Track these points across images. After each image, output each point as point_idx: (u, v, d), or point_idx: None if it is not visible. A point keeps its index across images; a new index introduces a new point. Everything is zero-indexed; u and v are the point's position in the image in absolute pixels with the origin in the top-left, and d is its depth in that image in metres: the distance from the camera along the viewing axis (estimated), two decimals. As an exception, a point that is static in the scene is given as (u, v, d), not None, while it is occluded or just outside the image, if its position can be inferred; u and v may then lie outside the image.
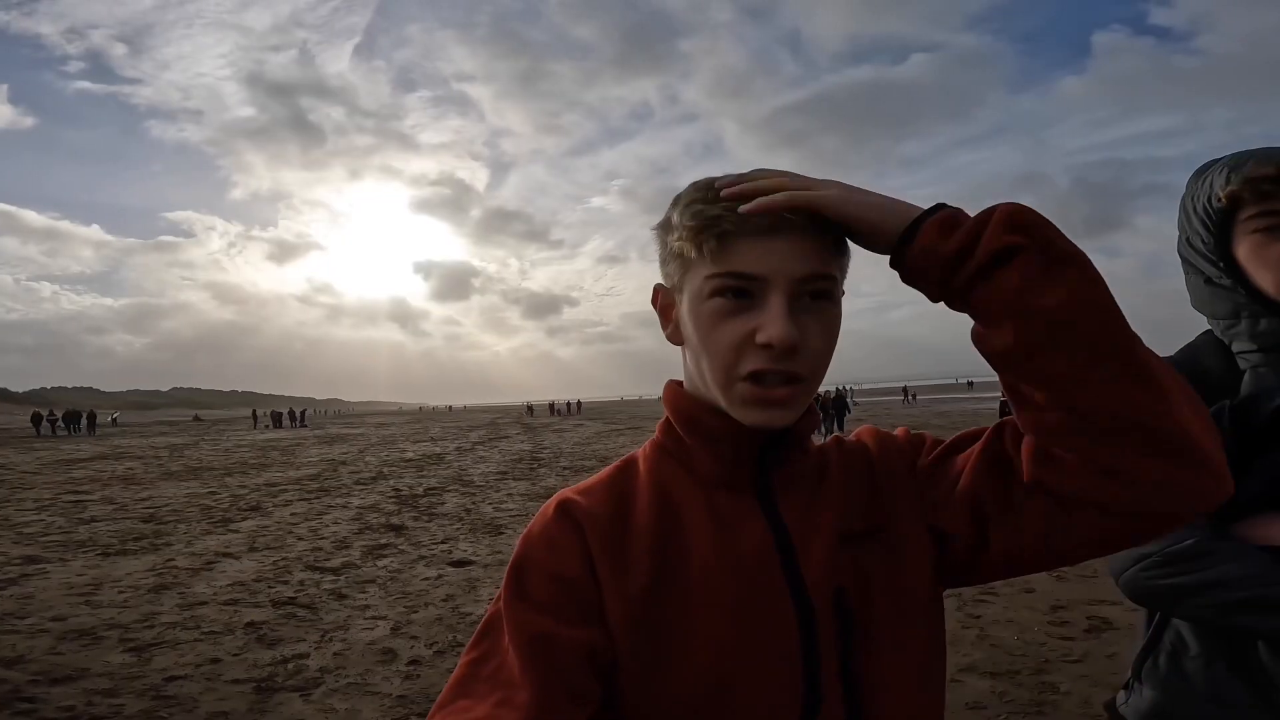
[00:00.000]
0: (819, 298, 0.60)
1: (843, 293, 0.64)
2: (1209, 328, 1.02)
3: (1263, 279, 0.89)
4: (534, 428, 32.80)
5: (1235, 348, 0.95)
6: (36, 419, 43.75)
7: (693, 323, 0.62)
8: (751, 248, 0.58)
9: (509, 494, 10.64)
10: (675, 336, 0.67)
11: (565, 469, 13.79)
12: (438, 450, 20.03)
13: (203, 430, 41.58)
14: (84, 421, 43.89)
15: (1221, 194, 0.90)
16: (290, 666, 3.95)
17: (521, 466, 14.64)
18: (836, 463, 0.70)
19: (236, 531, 8.17)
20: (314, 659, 4.06)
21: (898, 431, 0.73)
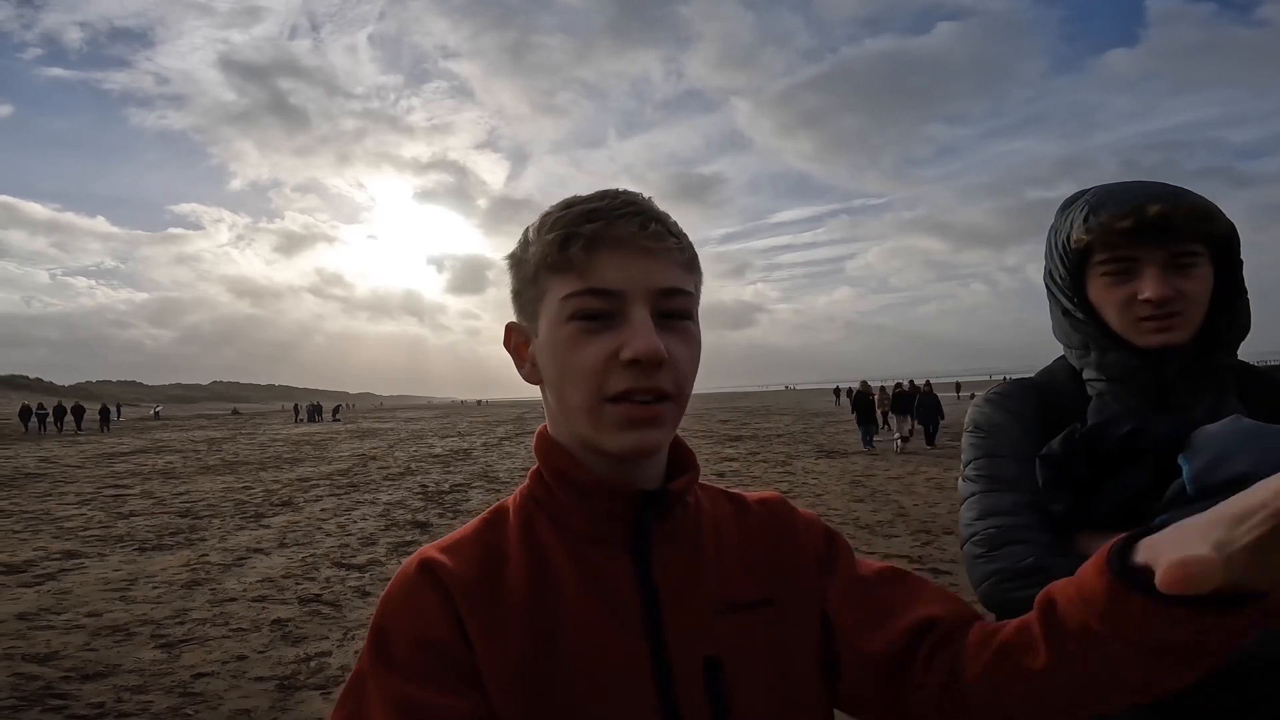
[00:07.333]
0: (678, 316, 0.59)
1: (698, 328, 0.62)
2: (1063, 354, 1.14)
3: (1109, 317, 0.99)
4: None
5: (1085, 375, 1.05)
6: (25, 413, 36.86)
7: (550, 352, 0.59)
8: (612, 260, 0.57)
9: (534, 490, 10.69)
10: (533, 375, 0.64)
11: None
12: (465, 445, 20.21)
13: (240, 424, 42.58)
14: (98, 415, 37.86)
15: (1080, 238, 0.97)
16: (312, 664, 4.00)
17: (547, 462, 14.70)
18: (730, 525, 0.67)
19: (268, 527, 8.33)
20: (335, 657, 4.11)
21: (811, 514, 0.71)
